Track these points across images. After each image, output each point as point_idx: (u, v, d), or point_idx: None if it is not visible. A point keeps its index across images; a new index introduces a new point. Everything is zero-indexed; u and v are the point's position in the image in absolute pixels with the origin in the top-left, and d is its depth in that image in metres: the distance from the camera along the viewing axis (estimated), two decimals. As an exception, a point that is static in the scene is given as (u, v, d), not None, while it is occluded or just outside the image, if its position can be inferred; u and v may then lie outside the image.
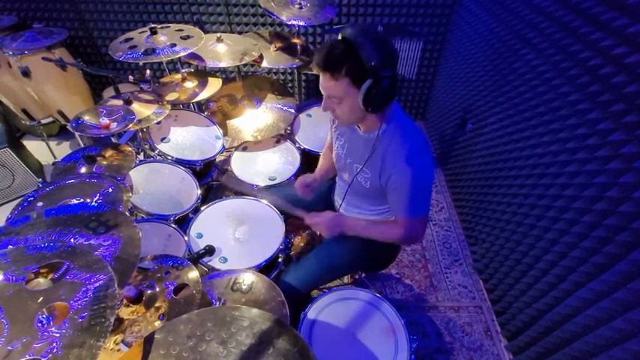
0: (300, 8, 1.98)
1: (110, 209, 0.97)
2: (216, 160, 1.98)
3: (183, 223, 1.51)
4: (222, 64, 1.89)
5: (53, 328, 0.61)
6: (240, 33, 2.63)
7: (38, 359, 0.57)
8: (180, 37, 1.78)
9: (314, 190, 1.42)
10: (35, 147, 2.58)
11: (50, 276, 0.71)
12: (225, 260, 1.31)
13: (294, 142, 1.95)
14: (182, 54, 1.68)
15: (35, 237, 0.88)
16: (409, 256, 2.07)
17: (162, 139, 1.82)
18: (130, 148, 1.58)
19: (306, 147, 1.90)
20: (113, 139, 1.87)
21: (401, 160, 1.04)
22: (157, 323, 0.90)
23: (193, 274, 1.03)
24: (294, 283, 1.26)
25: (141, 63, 1.70)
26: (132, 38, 1.77)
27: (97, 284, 0.68)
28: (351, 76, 0.94)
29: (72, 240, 0.88)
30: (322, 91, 1.03)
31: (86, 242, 0.87)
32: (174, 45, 1.71)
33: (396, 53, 0.98)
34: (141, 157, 1.93)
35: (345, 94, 0.98)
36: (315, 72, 1.01)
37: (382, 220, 1.28)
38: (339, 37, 0.95)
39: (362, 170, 1.16)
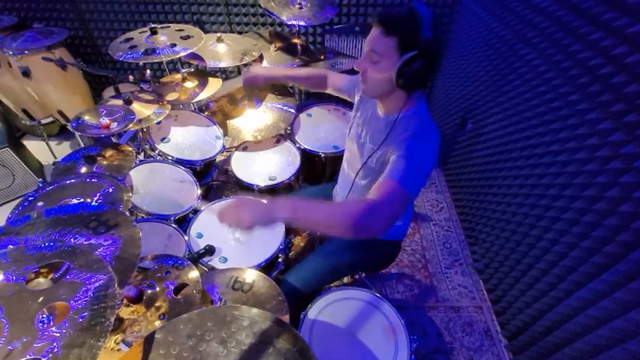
0: (300, 8, 1.98)
1: (110, 209, 0.97)
2: (217, 160, 1.98)
3: (184, 222, 1.51)
4: (223, 64, 1.89)
5: (53, 328, 0.61)
6: (240, 33, 2.63)
7: (38, 359, 0.57)
8: (181, 37, 1.78)
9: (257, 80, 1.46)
10: (35, 147, 2.58)
11: (50, 276, 0.71)
12: (225, 260, 1.31)
13: (294, 142, 1.95)
14: (182, 54, 1.68)
15: (35, 237, 0.88)
16: (409, 256, 2.07)
17: (163, 139, 1.82)
18: (130, 148, 1.58)
19: (306, 147, 1.89)
20: (113, 139, 1.87)
21: (416, 135, 1.02)
22: (158, 323, 0.90)
23: (193, 273, 1.03)
24: (297, 285, 1.26)
25: (141, 63, 1.70)
26: (132, 38, 1.77)
27: (97, 284, 0.68)
28: (401, 38, 0.93)
29: (72, 240, 0.88)
30: (366, 46, 1.00)
31: (86, 242, 0.87)
32: (174, 45, 1.71)
33: (444, 46, 0.97)
34: (141, 157, 1.93)
35: (387, 54, 0.96)
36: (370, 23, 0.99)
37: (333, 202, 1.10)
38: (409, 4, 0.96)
39: (375, 151, 1.12)
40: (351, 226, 0.87)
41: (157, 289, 0.98)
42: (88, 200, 1.19)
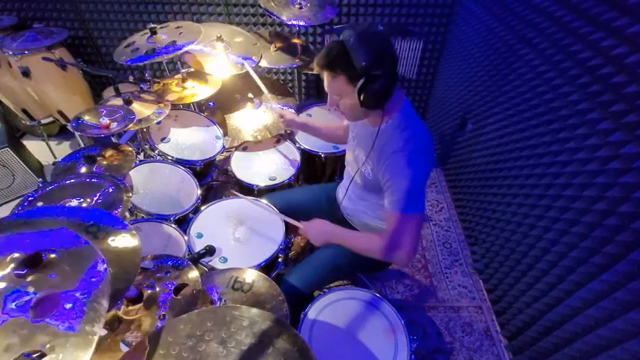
0: (300, 8, 1.98)
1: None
2: (217, 160, 1.98)
3: (184, 223, 1.51)
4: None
5: (48, 318, 0.61)
6: (240, 33, 2.63)
7: (37, 350, 0.57)
8: (180, 34, 1.77)
9: (287, 122, 1.60)
10: (35, 147, 2.58)
11: (40, 265, 0.71)
12: (225, 260, 1.31)
13: (294, 142, 1.95)
14: (185, 49, 1.67)
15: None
16: (409, 256, 2.07)
17: (163, 139, 1.82)
18: (130, 148, 1.58)
19: (306, 147, 1.89)
20: (113, 139, 1.87)
21: (397, 152, 1.05)
22: (158, 323, 0.90)
23: (193, 273, 1.03)
24: (297, 284, 1.26)
25: (141, 63, 1.70)
26: (134, 42, 1.76)
27: (90, 268, 0.68)
28: (346, 74, 0.99)
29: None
30: (326, 89, 1.08)
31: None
32: (174, 42, 1.71)
33: (392, 51, 1.00)
34: (141, 157, 1.93)
35: (343, 91, 1.03)
36: (316, 72, 1.07)
37: (373, 232, 1.23)
38: (338, 38, 0.99)
39: (365, 161, 1.18)
40: (381, 257, 1.09)
41: (157, 289, 0.98)
42: (88, 200, 1.19)
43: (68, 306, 0.63)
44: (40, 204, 1.17)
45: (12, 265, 0.68)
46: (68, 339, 0.59)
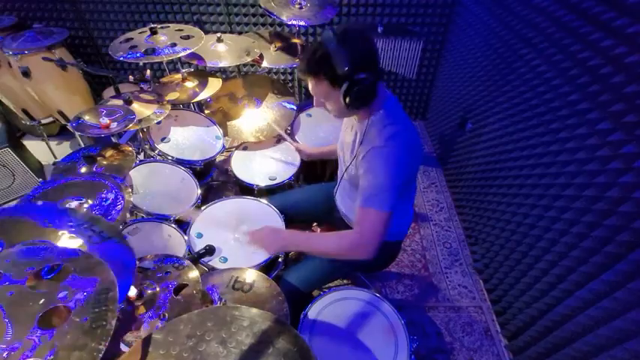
0: (300, 8, 1.98)
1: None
2: (217, 160, 1.98)
3: (184, 222, 1.51)
4: (222, 64, 1.89)
5: (55, 331, 0.61)
6: (240, 33, 2.63)
7: None
8: (181, 37, 1.78)
9: (305, 155, 1.72)
10: (35, 147, 2.58)
11: (50, 278, 0.71)
12: (225, 260, 1.31)
13: (294, 141, 1.94)
14: (182, 54, 1.68)
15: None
16: (409, 256, 2.07)
17: (163, 139, 1.82)
18: (130, 148, 1.58)
19: (306, 147, 1.89)
20: (113, 139, 1.87)
21: (377, 147, 1.05)
22: (158, 323, 0.90)
23: (193, 273, 1.03)
24: (296, 283, 1.26)
25: (141, 63, 1.70)
26: (132, 38, 1.76)
27: (99, 287, 0.68)
28: (329, 79, 1.00)
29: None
30: (311, 92, 1.10)
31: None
32: (174, 45, 1.71)
33: (374, 52, 1.00)
34: (141, 157, 1.93)
35: (328, 94, 1.04)
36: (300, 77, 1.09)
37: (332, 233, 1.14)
38: (319, 41, 0.99)
39: (353, 158, 1.17)
40: (346, 256, 1.09)
41: (157, 289, 0.98)
42: (90, 201, 1.19)
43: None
44: (40, 203, 1.17)
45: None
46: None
